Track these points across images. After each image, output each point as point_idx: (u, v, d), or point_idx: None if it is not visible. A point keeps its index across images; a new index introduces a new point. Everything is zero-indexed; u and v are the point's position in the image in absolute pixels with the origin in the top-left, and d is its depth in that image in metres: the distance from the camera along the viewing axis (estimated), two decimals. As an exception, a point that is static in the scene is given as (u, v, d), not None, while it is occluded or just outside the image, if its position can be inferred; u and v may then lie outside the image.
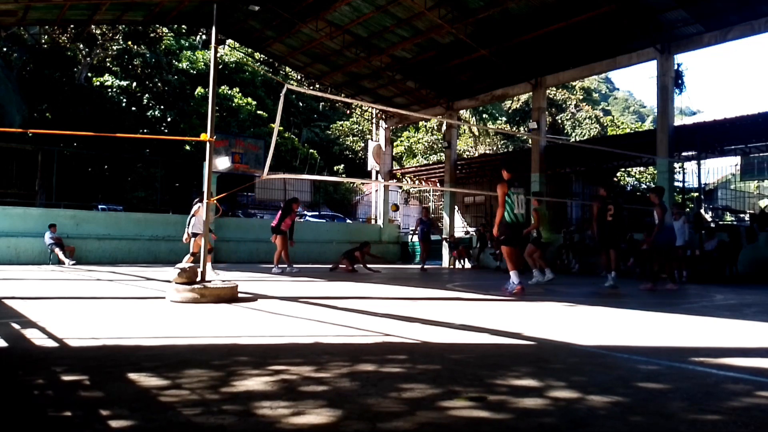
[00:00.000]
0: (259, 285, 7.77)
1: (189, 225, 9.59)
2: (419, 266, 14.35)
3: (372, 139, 21.67)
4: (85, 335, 3.42)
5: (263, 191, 27.40)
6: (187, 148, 23.01)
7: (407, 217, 28.79)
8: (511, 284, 6.96)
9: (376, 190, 21.77)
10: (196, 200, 9.77)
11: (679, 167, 15.50)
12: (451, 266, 17.05)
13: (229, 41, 24.80)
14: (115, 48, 24.48)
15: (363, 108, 23.74)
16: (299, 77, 21.54)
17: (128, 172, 22.82)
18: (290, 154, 29.49)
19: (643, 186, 25.55)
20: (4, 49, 21.64)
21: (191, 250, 9.42)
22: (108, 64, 25.05)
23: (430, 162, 28.03)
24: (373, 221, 22.23)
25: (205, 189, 6.32)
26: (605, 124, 32.96)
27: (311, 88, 19.43)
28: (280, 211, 11.54)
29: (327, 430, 1.71)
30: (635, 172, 25.18)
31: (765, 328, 4.38)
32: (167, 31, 26.12)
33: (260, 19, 15.76)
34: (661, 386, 2.35)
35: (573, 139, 28.73)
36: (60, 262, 12.93)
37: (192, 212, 9.58)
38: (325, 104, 33.69)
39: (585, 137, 29.68)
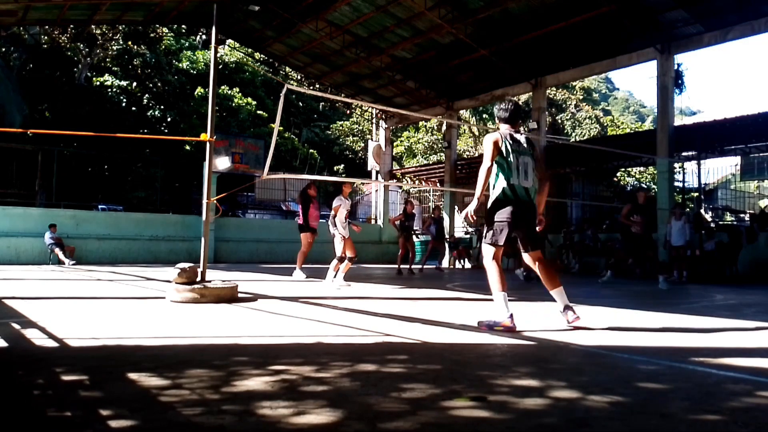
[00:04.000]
0: (259, 285, 7.77)
1: (336, 225, 7.81)
2: (435, 266, 14.02)
3: (372, 139, 21.66)
4: (85, 335, 3.42)
5: (263, 191, 27.33)
6: (187, 148, 23.00)
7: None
8: (493, 318, 3.86)
9: (376, 190, 21.77)
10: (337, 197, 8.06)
11: (679, 167, 15.50)
12: (451, 266, 17.04)
13: (229, 41, 24.79)
14: (115, 48, 24.47)
15: (363, 108, 23.73)
16: (299, 77, 21.54)
17: (128, 172, 22.81)
18: (290, 154, 29.48)
19: (644, 186, 25.56)
20: (3, 49, 21.64)
21: (339, 254, 7.77)
22: (108, 64, 25.05)
23: (430, 162, 28.02)
24: (373, 221, 22.22)
25: (204, 189, 6.31)
26: (605, 124, 32.95)
27: (311, 88, 19.43)
28: (300, 207, 9.98)
29: (328, 430, 1.71)
30: (635, 172, 25.19)
31: (765, 328, 4.38)
32: (167, 31, 26.12)
33: (260, 19, 15.76)
34: (662, 386, 2.35)
35: (573, 139, 28.72)
36: (60, 262, 12.92)
37: (333, 212, 7.99)
38: (325, 104, 33.68)
39: (585, 137, 29.67)
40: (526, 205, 3.91)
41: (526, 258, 4.14)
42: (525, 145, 4.00)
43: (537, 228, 4.01)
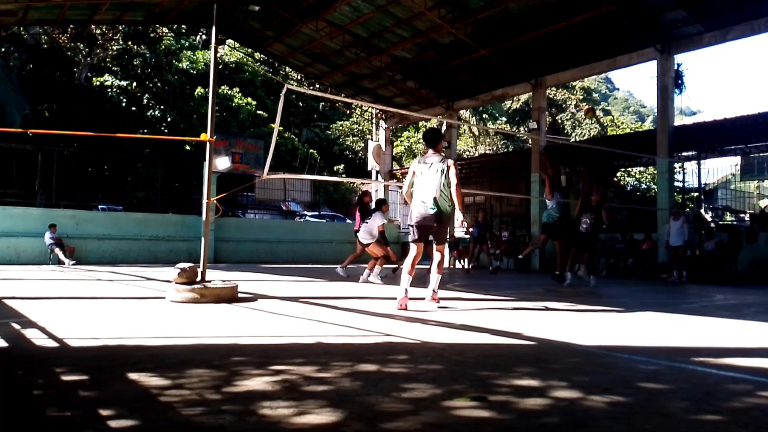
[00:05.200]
0: (259, 285, 7.76)
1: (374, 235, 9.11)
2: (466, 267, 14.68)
3: (372, 139, 21.67)
4: (85, 335, 3.42)
5: (263, 191, 27.40)
6: (187, 148, 23.01)
7: (407, 217, 28.77)
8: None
9: (376, 190, 21.77)
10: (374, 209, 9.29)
11: (679, 167, 15.50)
12: (451, 266, 17.04)
13: (229, 41, 24.80)
14: (115, 48, 24.48)
15: (363, 108, 23.74)
16: (299, 77, 21.55)
17: (128, 172, 22.82)
18: (290, 154, 29.50)
19: (643, 186, 25.56)
20: (3, 49, 21.64)
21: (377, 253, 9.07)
22: (108, 64, 25.06)
23: (430, 162, 27.98)
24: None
25: (204, 189, 6.31)
26: (605, 124, 32.97)
27: (311, 88, 19.44)
28: (357, 214, 9.96)
29: (328, 430, 1.71)
30: (635, 172, 25.19)
31: (765, 328, 4.38)
32: (167, 31, 26.12)
33: (260, 19, 15.76)
34: (662, 386, 2.35)
35: (573, 139, 28.72)
36: (60, 262, 12.92)
37: (380, 229, 9.21)
38: (325, 104, 33.70)
39: (585, 137, 29.68)
40: (433, 212, 5.03)
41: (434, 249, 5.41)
42: (438, 163, 5.10)
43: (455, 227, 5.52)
